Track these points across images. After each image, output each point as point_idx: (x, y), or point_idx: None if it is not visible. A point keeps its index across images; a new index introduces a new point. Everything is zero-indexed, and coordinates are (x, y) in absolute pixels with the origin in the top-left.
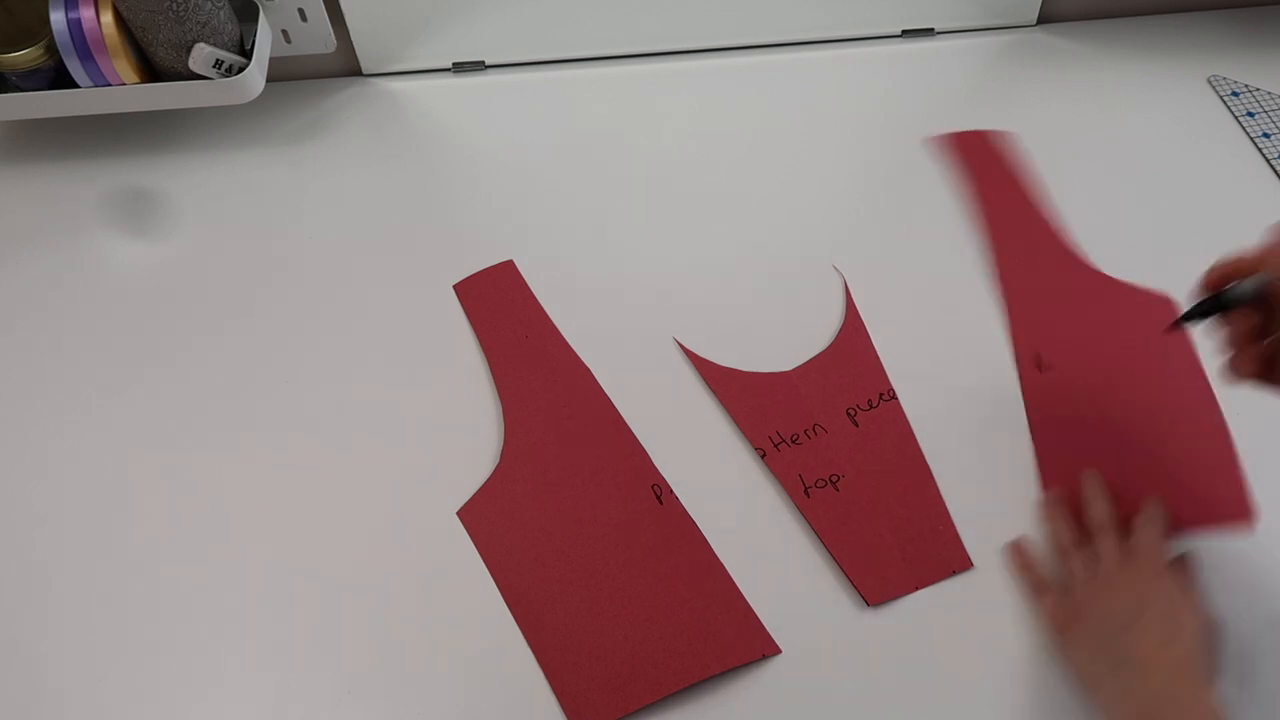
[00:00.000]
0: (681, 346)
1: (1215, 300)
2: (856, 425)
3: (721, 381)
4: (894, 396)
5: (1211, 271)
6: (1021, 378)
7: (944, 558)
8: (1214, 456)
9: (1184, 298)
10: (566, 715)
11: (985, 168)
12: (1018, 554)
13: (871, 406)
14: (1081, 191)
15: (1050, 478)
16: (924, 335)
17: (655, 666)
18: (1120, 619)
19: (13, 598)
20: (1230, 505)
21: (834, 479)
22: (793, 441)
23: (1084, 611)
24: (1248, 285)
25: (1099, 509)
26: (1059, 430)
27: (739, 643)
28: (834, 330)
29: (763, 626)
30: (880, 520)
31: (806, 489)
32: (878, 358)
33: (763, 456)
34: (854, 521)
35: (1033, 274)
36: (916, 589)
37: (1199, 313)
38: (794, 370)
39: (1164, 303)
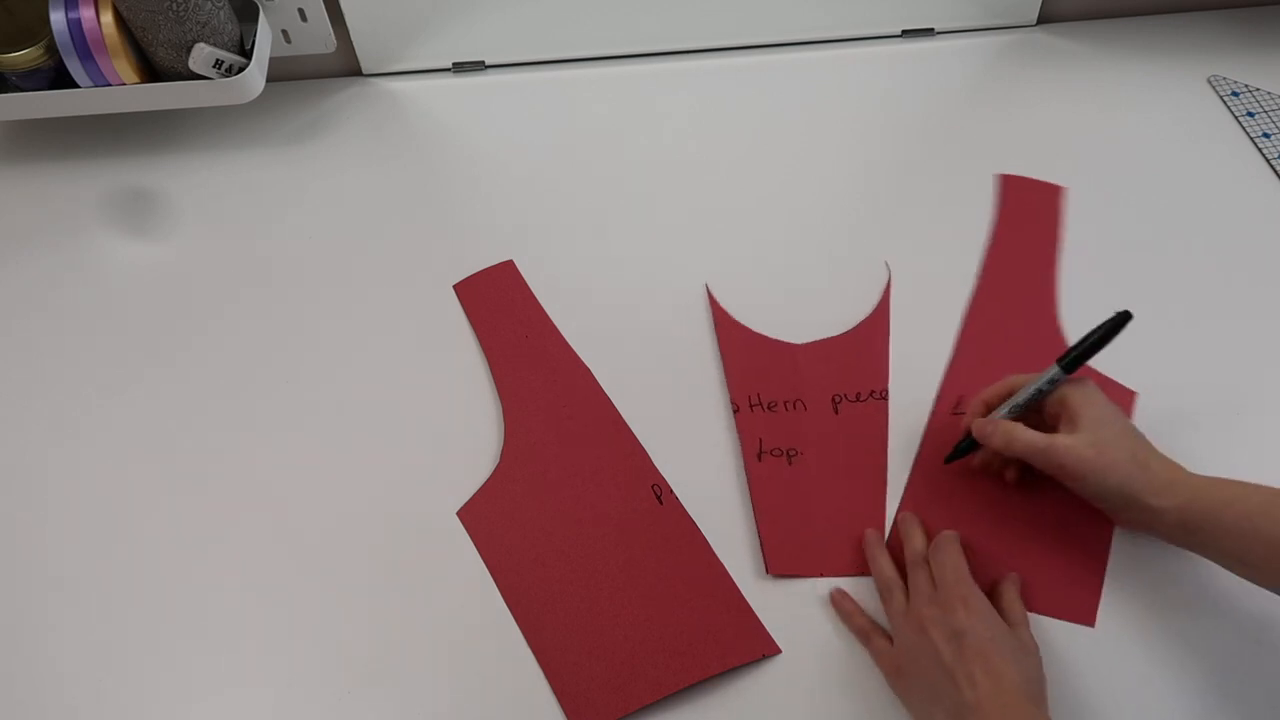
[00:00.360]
0: (709, 294)
1: (969, 441)
2: (836, 412)
3: (729, 333)
4: (884, 397)
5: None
6: (933, 414)
7: (860, 557)
8: (1083, 554)
9: (1183, 294)
10: (566, 715)
11: (1019, 210)
12: (841, 600)
13: (859, 400)
14: (1081, 191)
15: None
16: (919, 338)
17: (655, 666)
18: (943, 659)
19: (12, 597)
20: (1076, 604)
21: (791, 452)
22: (768, 408)
23: (907, 657)
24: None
25: (915, 544)
26: (936, 475)
27: (739, 643)
28: (843, 327)
29: (763, 626)
30: (816, 503)
31: (760, 453)
32: (887, 357)
33: (735, 412)
34: (792, 496)
35: (1003, 327)
36: (822, 575)
37: (962, 451)
38: (801, 345)
39: (1127, 396)
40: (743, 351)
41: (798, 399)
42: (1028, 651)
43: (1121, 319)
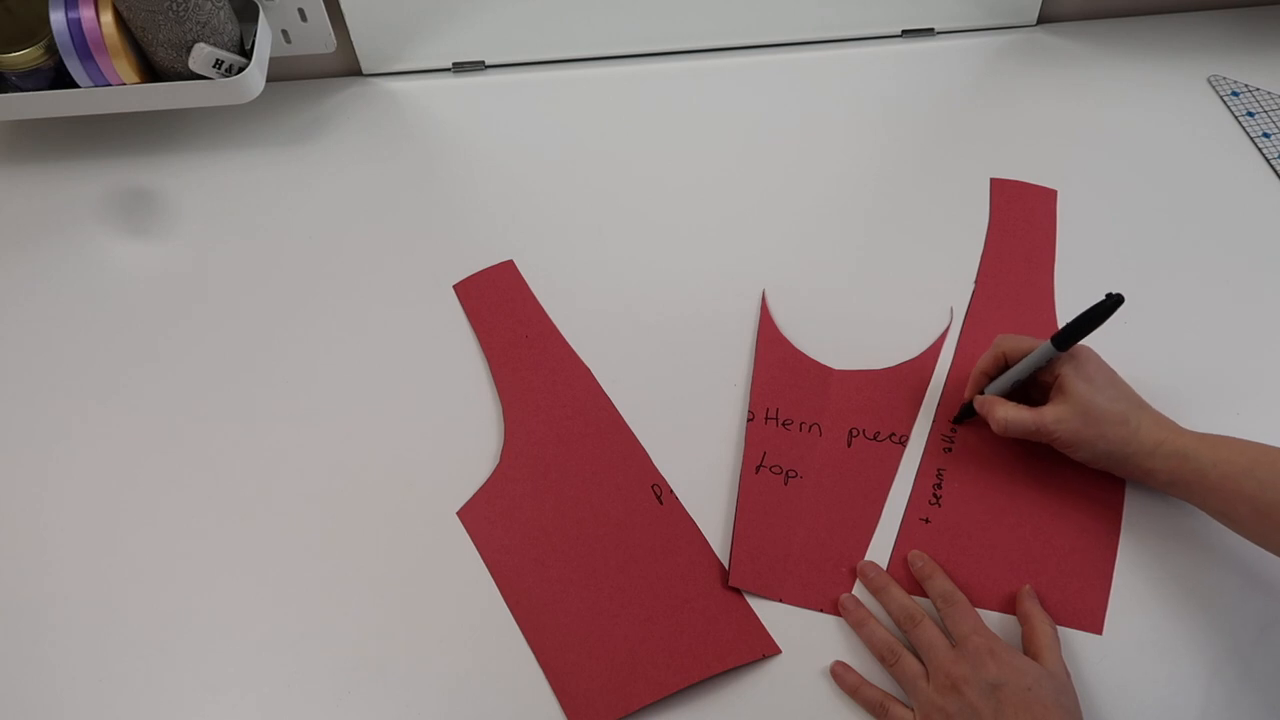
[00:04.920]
0: (763, 300)
1: (971, 407)
2: (849, 446)
3: (769, 343)
4: (902, 442)
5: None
6: (935, 421)
7: (825, 590)
8: (1089, 563)
9: (1183, 295)
10: (566, 715)
11: (1012, 215)
12: (844, 674)
13: (875, 439)
14: (1081, 191)
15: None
16: (920, 342)
17: (655, 666)
18: (982, 717)
19: (10, 596)
20: (1084, 613)
21: (790, 473)
22: (783, 424)
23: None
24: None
25: (899, 601)
26: (946, 475)
27: (739, 643)
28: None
29: (763, 626)
30: (799, 529)
31: (760, 466)
32: (919, 402)
33: (749, 420)
34: (777, 515)
35: (1001, 328)
36: (782, 601)
37: (966, 415)
38: (838, 370)
39: None
40: (777, 364)
41: (815, 423)
42: (1063, 689)
43: (1114, 301)
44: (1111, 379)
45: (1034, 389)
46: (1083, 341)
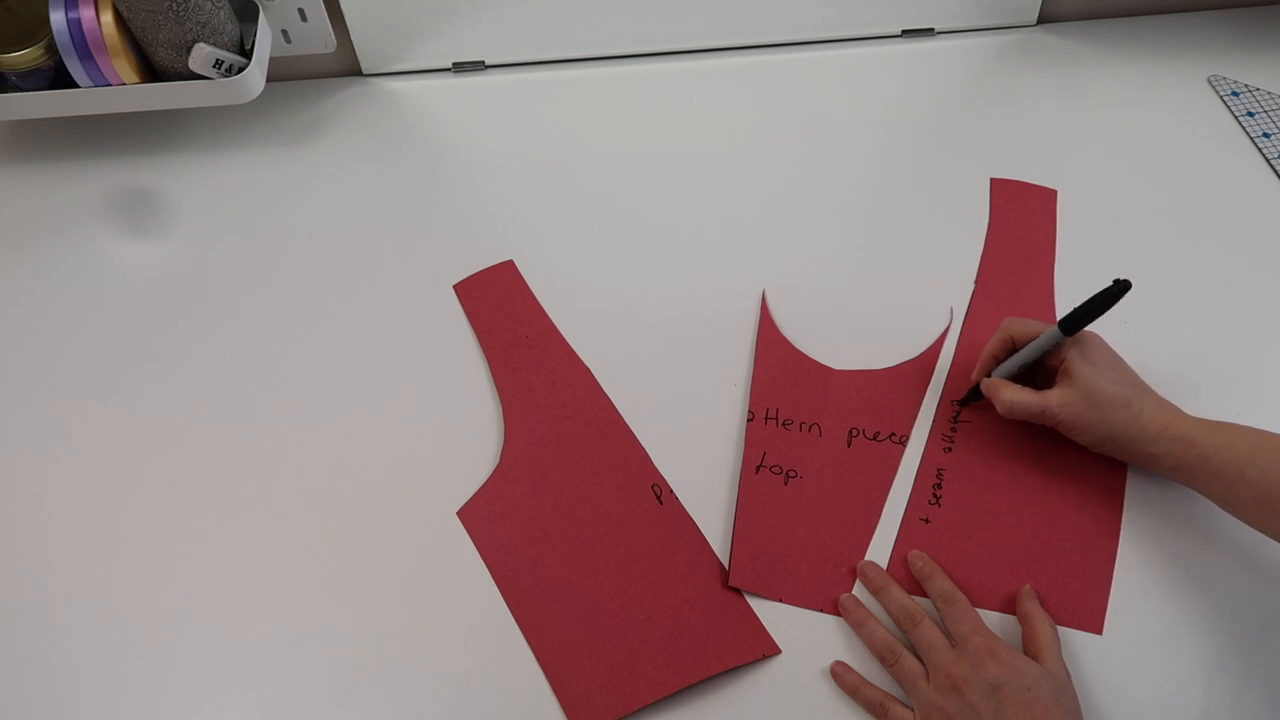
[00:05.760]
0: (763, 300)
1: (977, 390)
2: (849, 446)
3: (769, 343)
4: (902, 442)
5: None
6: (935, 421)
7: (825, 590)
8: (1089, 563)
9: (1183, 295)
10: (566, 715)
11: (1013, 215)
12: (844, 674)
13: (875, 439)
14: (1081, 191)
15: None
16: (920, 343)
17: (655, 666)
18: (982, 718)
19: (9, 596)
20: (1084, 613)
21: (790, 473)
22: (783, 424)
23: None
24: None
25: (899, 601)
26: (947, 473)
27: (739, 643)
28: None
29: (763, 626)
30: (799, 529)
31: (760, 466)
32: (919, 402)
33: (749, 420)
34: (777, 515)
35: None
36: (782, 601)
37: (972, 398)
38: (838, 370)
39: None
40: (777, 364)
41: (815, 423)
42: (1063, 689)
43: (1121, 287)
44: (1116, 363)
45: (1040, 373)
46: (1088, 328)
